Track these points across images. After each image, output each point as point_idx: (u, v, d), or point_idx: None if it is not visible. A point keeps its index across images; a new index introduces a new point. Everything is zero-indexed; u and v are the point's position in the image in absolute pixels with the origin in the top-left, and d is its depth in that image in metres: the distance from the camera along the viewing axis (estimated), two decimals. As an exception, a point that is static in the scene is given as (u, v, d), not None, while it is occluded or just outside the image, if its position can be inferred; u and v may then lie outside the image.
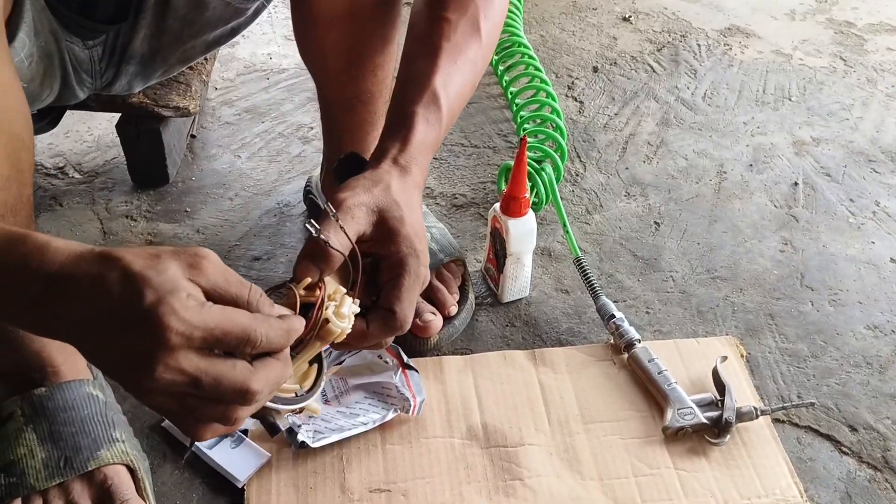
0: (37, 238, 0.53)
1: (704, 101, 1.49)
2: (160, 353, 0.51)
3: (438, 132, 0.74)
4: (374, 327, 0.66)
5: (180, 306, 0.51)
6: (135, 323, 0.51)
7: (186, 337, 0.51)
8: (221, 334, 0.52)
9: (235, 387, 0.53)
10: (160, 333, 0.50)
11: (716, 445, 0.94)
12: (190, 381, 0.52)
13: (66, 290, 0.52)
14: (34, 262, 0.52)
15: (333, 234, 0.63)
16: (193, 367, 0.52)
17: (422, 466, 0.92)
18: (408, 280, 0.65)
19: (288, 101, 1.46)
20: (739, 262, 1.19)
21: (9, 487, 0.82)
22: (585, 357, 1.04)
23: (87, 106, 1.14)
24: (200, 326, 0.51)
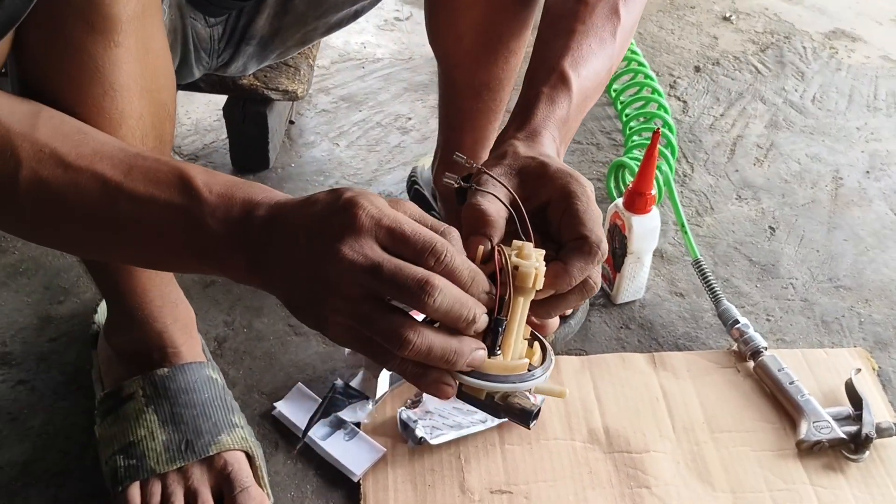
0: (265, 186, 0.56)
1: (814, 104, 1.44)
2: (349, 233, 0.50)
3: (567, 110, 0.68)
4: (572, 261, 0.56)
5: (377, 201, 0.52)
6: (333, 209, 0.51)
7: (375, 220, 0.51)
8: (410, 232, 0.51)
9: (417, 275, 0.50)
10: (354, 211, 0.50)
11: (854, 461, 0.89)
12: (371, 264, 0.50)
13: (281, 215, 0.53)
14: (260, 196, 0.55)
15: (482, 197, 0.58)
16: (377, 254, 0.50)
17: (543, 469, 0.88)
18: (581, 202, 0.57)
19: (384, 91, 1.43)
20: (863, 271, 1.13)
21: (128, 469, 0.80)
22: (707, 363, 0.99)
23: (197, 86, 1.12)
24: (390, 216, 0.51)
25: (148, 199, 0.55)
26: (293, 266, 0.52)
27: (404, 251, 0.51)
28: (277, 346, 1.00)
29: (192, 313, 0.89)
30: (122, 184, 0.55)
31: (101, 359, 0.90)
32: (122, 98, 0.65)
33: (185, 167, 0.56)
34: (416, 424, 0.89)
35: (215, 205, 0.54)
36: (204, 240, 0.54)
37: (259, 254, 0.53)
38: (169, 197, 0.55)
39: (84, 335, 0.98)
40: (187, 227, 0.55)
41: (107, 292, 0.86)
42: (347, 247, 0.50)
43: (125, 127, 0.66)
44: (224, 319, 1.03)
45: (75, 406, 0.93)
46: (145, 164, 0.56)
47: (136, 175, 0.55)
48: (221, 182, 0.55)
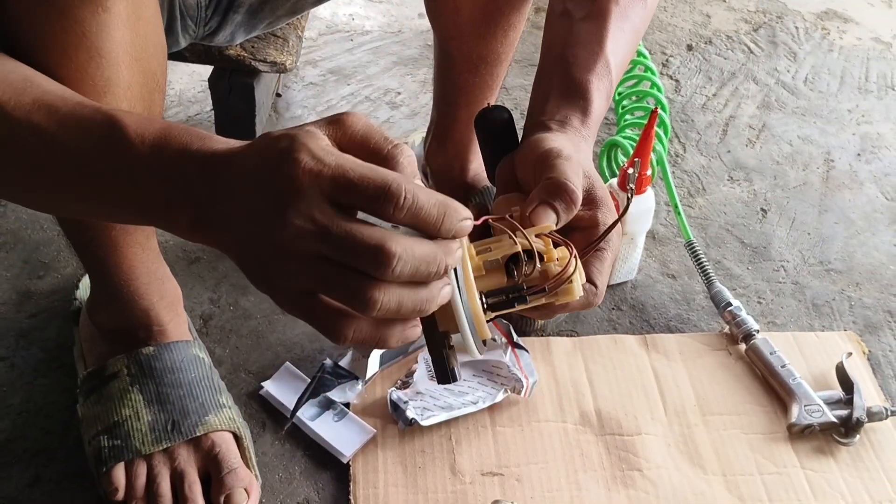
0: (201, 131, 0.50)
1: (806, 85, 1.43)
2: (292, 195, 0.44)
3: (607, 105, 0.68)
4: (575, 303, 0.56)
5: (314, 146, 0.45)
6: (268, 168, 0.45)
7: (316, 175, 0.44)
8: (357, 178, 0.44)
9: (370, 243, 0.44)
10: (290, 170, 0.44)
11: (844, 445, 0.89)
12: (318, 230, 0.44)
13: (219, 164, 0.47)
14: (195, 145, 0.49)
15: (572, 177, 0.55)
16: (324, 216, 0.44)
17: (535, 451, 0.87)
18: (611, 255, 0.59)
19: (373, 65, 1.40)
20: (854, 254, 1.13)
21: (112, 450, 0.78)
22: (699, 345, 0.99)
23: (182, 56, 1.08)
24: (332, 165, 0.44)
25: (81, 153, 0.51)
26: (239, 226, 0.47)
27: (355, 200, 0.45)
28: (264, 325, 0.98)
29: (178, 291, 0.87)
30: (56, 136, 0.51)
31: (83, 336, 0.88)
32: (109, 65, 0.62)
33: (118, 115, 0.51)
34: (406, 405, 0.88)
35: (148, 158, 0.49)
36: (143, 196, 0.50)
37: (202, 211, 0.48)
38: (103, 150, 0.50)
39: (65, 311, 0.96)
40: (124, 183, 0.50)
41: (91, 268, 0.83)
42: (292, 210, 0.44)
43: (110, 95, 0.63)
44: (209, 297, 1.01)
45: (57, 384, 0.90)
46: (81, 113, 0.51)
47: (70, 126, 0.51)
48: (155, 130, 0.50)
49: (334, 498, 0.83)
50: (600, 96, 0.65)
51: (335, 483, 0.85)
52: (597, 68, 0.65)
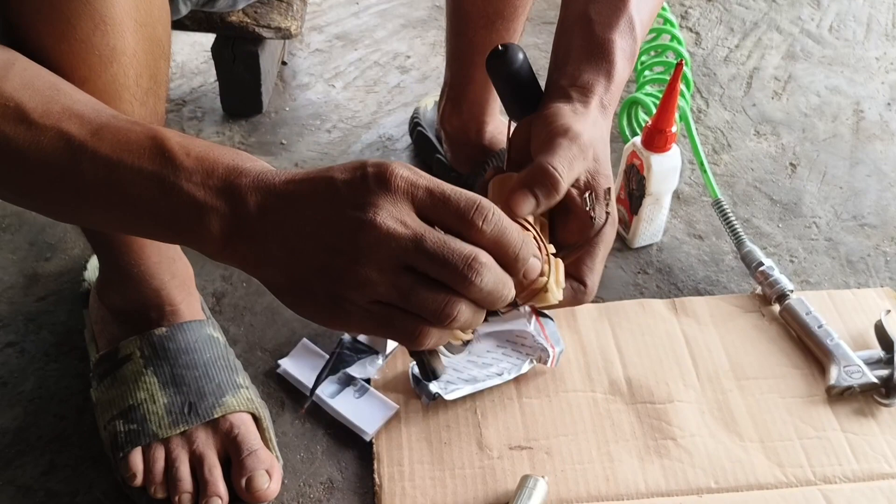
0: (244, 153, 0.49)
1: (831, 33, 1.37)
2: (382, 196, 0.44)
3: (630, 69, 0.64)
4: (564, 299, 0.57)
5: (406, 168, 0.46)
6: (358, 178, 0.45)
7: (412, 184, 0.45)
8: (450, 191, 0.45)
9: (464, 252, 0.45)
10: (386, 175, 0.45)
11: (886, 406, 0.85)
12: (413, 235, 0.44)
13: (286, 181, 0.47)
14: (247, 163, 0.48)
15: (567, 168, 0.54)
16: (417, 224, 0.45)
17: (564, 423, 0.84)
18: (602, 251, 0.58)
19: (381, 28, 1.35)
20: (888, 207, 1.09)
21: (129, 435, 0.76)
22: (731, 307, 0.95)
23: (182, 25, 1.04)
24: (427, 178, 0.46)
25: (115, 161, 0.48)
26: (298, 238, 0.46)
27: (445, 215, 0.46)
28: (279, 301, 0.95)
29: (190, 269, 0.84)
30: (88, 143, 0.49)
31: (93, 318, 0.85)
32: (115, 33, 0.58)
33: (160, 130, 0.49)
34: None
35: (192, 168, 0.47)
36: (177, 206, 0.48)
37: (246, 222, 0.47)
38: (139, 159, 0.48)
39: (74, 294, 0.93)
40: (158, 191, 0.48)
41: (99, 248, 0.80)
42: (384, 213, 0.44)
43: (117, 64, 0.60)
44: (222, 274, 0.98)
45: (68, 369, 0.88)
46: (116, 125, 0.49)
47: (104, 135, 0.49)
48: (200, 146, 0.48)
49: (358, 477, 0.81)
50: (624, 57, 0.62)
51: (358, 462, 0.82)
52: (620, 26, 0.62)
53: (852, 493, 0.79)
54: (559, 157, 0.54)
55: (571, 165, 0.54)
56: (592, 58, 0.61)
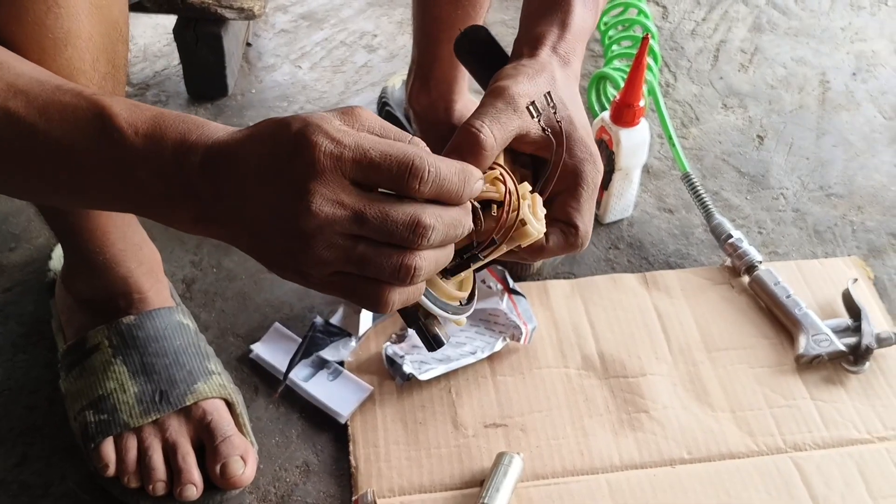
0: (196, 118, 0.47)
1: (797, 4, 1.37)
2: (313, 180, 0.43)
3: (594, 18, 0.63)
4: (553, 242, 0.56)
5: (330, 127, 0.44)
6: (284, 153, 0.44)
7: (337, 157, 0.44)
8: (379, 157, 0.44)
9: (405, 219, 0.45)
10: (309, 155, 0.43)
11: (854, 374, 0.87)
12: (352, 215, 0.44)
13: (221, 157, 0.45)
14: (193, 135, 0.46)
15: (490, 123, 0.53)
16: (353, 199, 0.44)
17: (538, 399, 0.85)
18: (587, 190, 0.56)
19: (347, 7, 1.34)
20: (854, 177, 1.10)
21: (99, 425, 0.75)
22: (701, 280, 0.96)
23: (142, 6, 1.03)
24: (351, 146, 0.44)
25: (68, 146, 0.47)
26: (253, 219, 0.45)
27: (379, 180, 0.45)
28: (250, 285, 0.94)
29: (157, 255, 0.83)
30: (39, 126, 0.47)
31: (60, 308, 0.84)
32: (68, 15, 0.57)
33: (105, 103, 0.47)
34: (402, 360, 0.85)
35: (143, 151, 0.46)
36: (139, 191, 0.47)
37: (206, 206, 0.46)
38: (93, 144, 0.47)
39: (40, 284, 0.92)
40: (118, 177, 0.47)
41: (63, 236, 0.79)
42: (318, 197, 0.43)
43: (71, 48, 0.58)
44: (191, 260, 0.97)
45: (37, 359, 0.87)
46: (63, 101, 0.47)
47: (53, 116, 0.47)
48: (147, 119, 0.47)
49: (334, 459, 0.81)
50: (584, 7, 0.61)
51: (334, 444, 0.82)
52: None
53: (822, 459, 0.81)
54: (481, 115, 0.53)
55: (497, 120, 0.53)
56: (547, 10, 0.61)
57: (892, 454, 0.81)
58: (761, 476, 0.79)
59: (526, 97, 0.54)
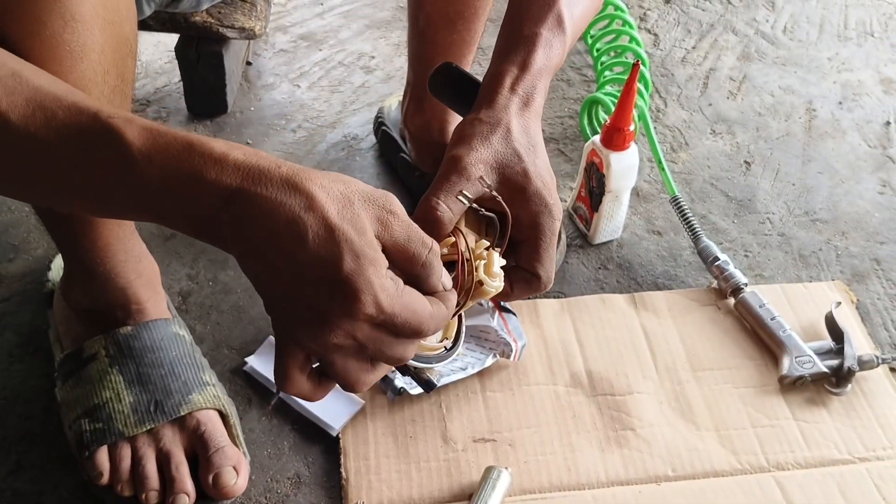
0: (212, 146, 0.47)
1: (785, 34, 1.41)
2: (342, 321, 0.48)
3: (560, 57, 0.66)
4: (517, 289, 0.62)
5: (379, 286, 0.48)
6: (327, 284, 0.47)
7: (371, 318, 0.48)
8: (401, 323, 0.50)
9: (395, 357, 0.52)
10: (350, 306, 0.48)
11: (836, 395, 0.88)
12: (356, 346, 0.50)
13: (249, 209, 0.47)
14: (211, 173, 0.46)
15: (444, 198, 0.58)
16: (365, 336, 0.49)
17: (526, 415, 0.86)
18: (545, 240, 0.61)
19: (345, 28, 1.36)
20: (838, 203, 1.12)
21: (94, 434, 0.76)
22: (688, 301, 0.98)
23: (146, 25, 1.05)
24: (388, 312, 0.49)
25: (86, 169, 0.48)
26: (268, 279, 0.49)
27: (394, 329, 0.50)
28: (245, 299, 0.96)
29: (156, 268, 0.85)
30: (59, 148, 0.48)
31: (58, 318, 0.85)
32: (84, 30, 0.59)
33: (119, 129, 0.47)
34: (394, 375, 0.86)
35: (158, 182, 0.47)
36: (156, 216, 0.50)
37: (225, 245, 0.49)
38: (110, 170, 0.48)
39: (38, 294, 0.93)
40: (136, 201, 0.49)
41: (64, 247, 0.81)
42: (339, 331, 0.48)
43: (86, 61, 0.60)
44: (187, 273, 0.98)
45: (34, 369, 0.88)
46: (80, 123, 0.48)
47: (71, 139, 0.48)
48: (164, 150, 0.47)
49: (325, 472, 0.82)
50: (547, 47, 0.64)
51: (325, 456, 0.83)
52: (547, 21, 0.64)
53: (804, 478, 0.82)
54: (437, 191, 0.58)
55: (450, 193, 0.58)
56: (510, 49, 0.64)
57: (873, 474, 0.83)
58: (744, 494, 0.81)
59: (479, 164, 0.59)
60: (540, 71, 0.64)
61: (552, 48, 0.65)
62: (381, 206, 0.49)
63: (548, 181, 0.61)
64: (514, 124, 0.61)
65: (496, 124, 0.61)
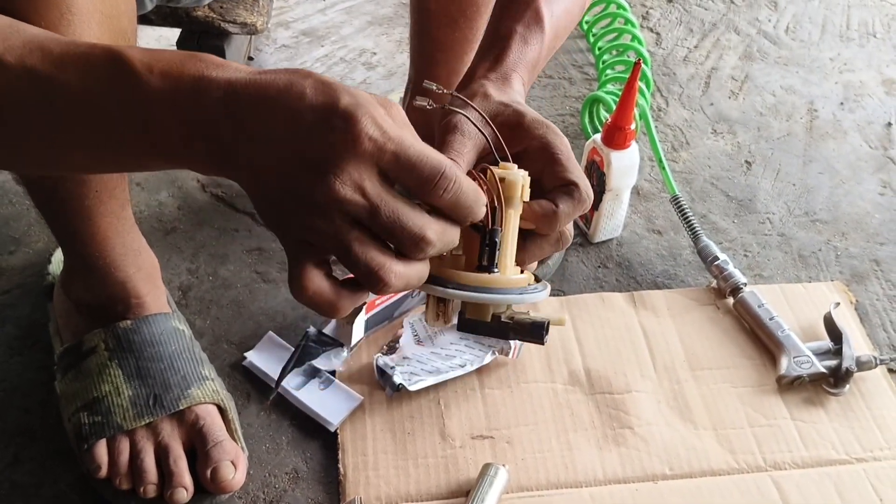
0: (214, 57, 0.46)
1: (788, 34, 1.41)
2: (347, 158, 0.43)
3: (539, 52, 0.65)
4: (561, 203, 0.54)
5: (377, 113, 0.44)
6: (326, 121, 0.43)
7: (379, 147, 0.44)
8: (416, 157, 0.45)
9: (413, 229, 0.45)
10: (354, 133, 0.43)
11: (834, 395, 0.89)
12: (368, 206, 0.44)
13: (244, 96, 0.44)
14: (212, 72, 0.45)
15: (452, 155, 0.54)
16: (376, 192, 0.44)
17: (524, 413, 0.86)
18: (563, 153, 0.55)
19: (347, 25, 1.36)
20: (839, 204, 1.12)
21: (93, 427, 0.76)
22: (687, 301, 0.98)
23: (148, 19, 1.05)
24: (396, 140, 0.44)
25: (84, 92, 0.47)
26: (267, 168, 0.45)
27: (408, 180, 0.45)
28: (245, 294, 0.96)
29: (155, 262, 0.85)
30: (56, 78, 0.46)
31: (58, 312, 0.85)
32: (81, 22, 0.59)
33: (119, 48, 0.46)
34: (393, 371, 0.86)
35: (160, 90, 0.45)
36: (157, 134, 0.46)
37: (225, 145, 0.45)
38: (109, 87, 0.46)
39: (38, 287, 0.93)
40: (136, 120, 0.46)
41: (64, 240, 0.81)
42: (345, 176, 0.43)
43: None
44: (188, 267, 0.98)
45: (32, 362, 0.88)
46: (78, 51, 0.47)
47: (68, 66, 0.47)
48: (164, 59, 0.46)
49: (323, 467, 0.82)
50: (522, 43, 0.63)
51: (323, 452, 0.83)
52: (524, 17, 0.64)
53: (801, 478, 0.83)
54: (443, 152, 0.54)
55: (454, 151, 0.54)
56: (486, 49, 0.63)
57: (870, 475, 0.83)
58: (741, 493, 0.81)
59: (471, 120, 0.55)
60: (515, 63, 0.63)
61: (528, 44, 0.64)
62: (383, 98, 0.46)
63: (546, 120, 0.58)
64: (490, 91, 0.59)
65: (472, 95, 0.59)
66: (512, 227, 0.52)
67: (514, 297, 0.51)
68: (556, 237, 0.55)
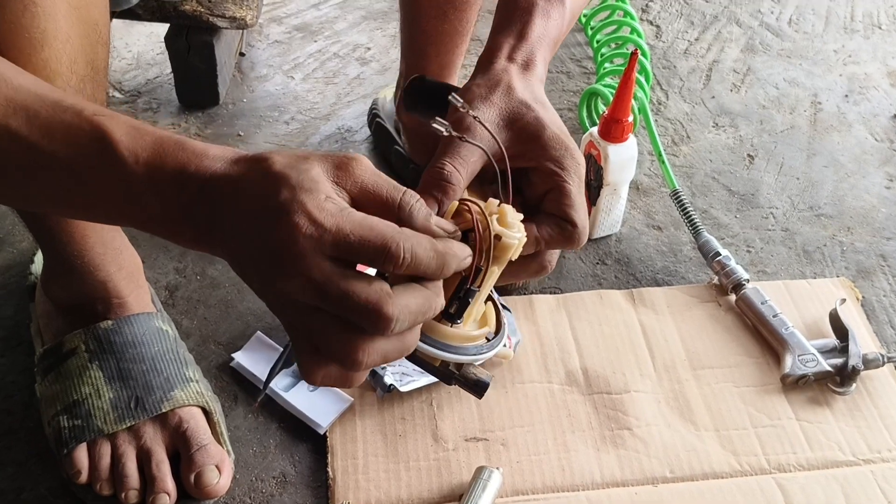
0: (194, 143, 0.46)
1: (791, 26, 1.38)
2: (287, 255, 0.43)
3: (560, 29, 0.63)
4: (551, 241, 0.54)
5: (314, 206, 0.44)
6: (267, 220, 0.44)
7: (316, 239, 0.43)
8: (357, 241, 0.44)
9: (366, 306, 0.44)
10: (289, 232, 0.43)
11: (840, 395, 0.86)
12: (315, 289, 0.44)
13: (216, 191, 0.45)
14: (192, 166, 0.46)
15: (451, 160, 0.53)
16: (321, 274, 0.44)
17: (520, 414, 0.84)
18: (573, 183, 0.54)
19: (341, 20, 1.34)
20: (844, 198, 1.09)
21: (73, 430, 0.74)
22: (688, 298, 0.95)
23: (135, 14, 1.03)
24: (332, 230, 0.43)
25: (69, 165, 0.47)
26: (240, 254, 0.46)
27: (360, 260, 0.45)
28: (233, 294, 0.94)
29: (138, 260, 0.82)
30: (42, 147, 0.46)
31: (39, 312, 0.83)
32: (45, 15, 0.57)
33: (106, 127, 0.46)
34: (384, 371, 0.84)
35: (144, 178, 0.46)
36: (140, 211, 0.47)
37: (203, 230, 0.47)
38: (95, 167, 0.47)
39: (21, 288, 0.91)
40: (120, 200, 0.47)
41: (41, 240, 0.79)
42: (291, 269, 0.44)
43: (48, 49, 0.58)
44: (175, 267, 0.96)
45: (15, 364, 0.86)
46: (64, 121, 0.47)
47: (55, 136, 0.47)
48: (148, 146, 0.46)
49: (312, 471, 0.80)
50: (545, 17, 0.61)
51: (312, 455, 0.81)
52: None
53: (806, 481, 0.80)
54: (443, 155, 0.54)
55: (458, 156, 0.54)
56: (506, 23, 0.61)
57: (877, 477, 0.80)
58: (744, 496, 0.78)
59: (488, 123, 0.54)
60: (539, 39, 0.60)
61: (550, 17, 0.61)
62: (340, 156, 0.46)
63: (564, 129, 0.57)
64: (515, 82, 0.57)
65: (495, 85, 0.57)
66: (490, 283, 0.51)
67: (466, 357, 0.52)
68: (537, 267, 0.55)
